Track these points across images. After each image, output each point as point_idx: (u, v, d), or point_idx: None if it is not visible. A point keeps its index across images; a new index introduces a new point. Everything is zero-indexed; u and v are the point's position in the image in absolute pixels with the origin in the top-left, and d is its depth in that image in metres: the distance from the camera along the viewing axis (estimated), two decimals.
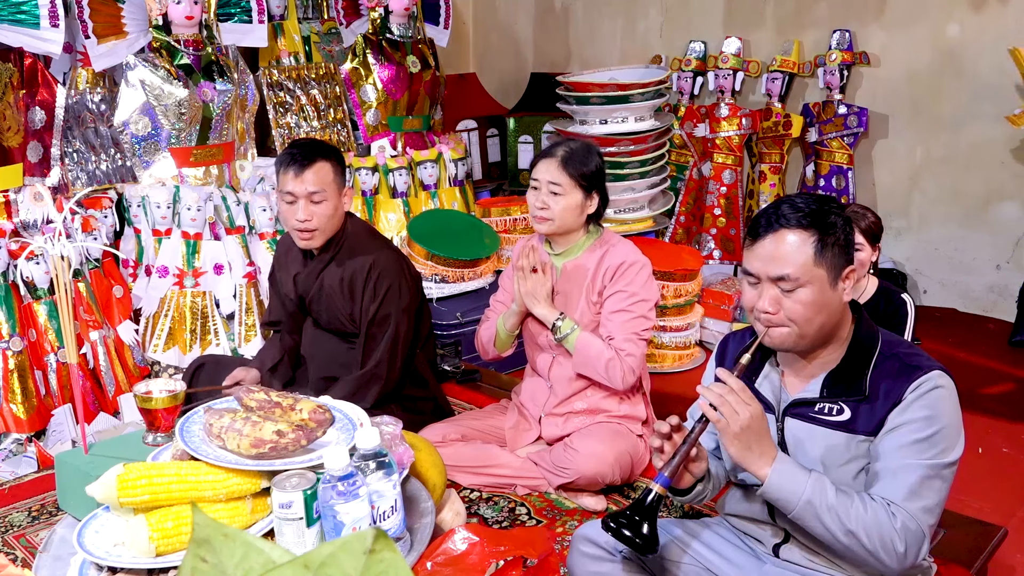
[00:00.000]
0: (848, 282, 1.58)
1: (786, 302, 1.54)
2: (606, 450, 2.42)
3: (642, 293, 2.48)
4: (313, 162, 2.52)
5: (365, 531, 0.53)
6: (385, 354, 2.62)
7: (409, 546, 1.56)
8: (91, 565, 1.46)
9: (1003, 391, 3.48)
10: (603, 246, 2.55)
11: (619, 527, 1.56)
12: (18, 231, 3.13)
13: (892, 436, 1.52)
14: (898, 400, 1.52)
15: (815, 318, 1.55)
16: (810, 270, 1.53)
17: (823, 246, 1.53)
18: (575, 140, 2.62)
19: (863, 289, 2.71)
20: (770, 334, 1.58)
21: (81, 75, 3.55)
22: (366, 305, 2.61)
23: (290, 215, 2.55)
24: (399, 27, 4.41)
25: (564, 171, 2.47)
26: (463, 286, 3.88)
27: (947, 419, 1.52)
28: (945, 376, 1.54)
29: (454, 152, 4.49)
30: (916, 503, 1.48)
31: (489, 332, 2.72)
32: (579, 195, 2.49)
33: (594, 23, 5.58)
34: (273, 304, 2.90)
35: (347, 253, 2.65)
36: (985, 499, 2.58)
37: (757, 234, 1.58)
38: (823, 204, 1.57)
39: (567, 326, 2.50)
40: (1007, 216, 4.22)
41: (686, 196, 5.01)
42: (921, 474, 1.49)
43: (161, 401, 1.93)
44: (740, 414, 1.50)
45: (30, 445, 2.98)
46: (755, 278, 1.58)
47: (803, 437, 1.62)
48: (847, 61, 4.48)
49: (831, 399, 1.59)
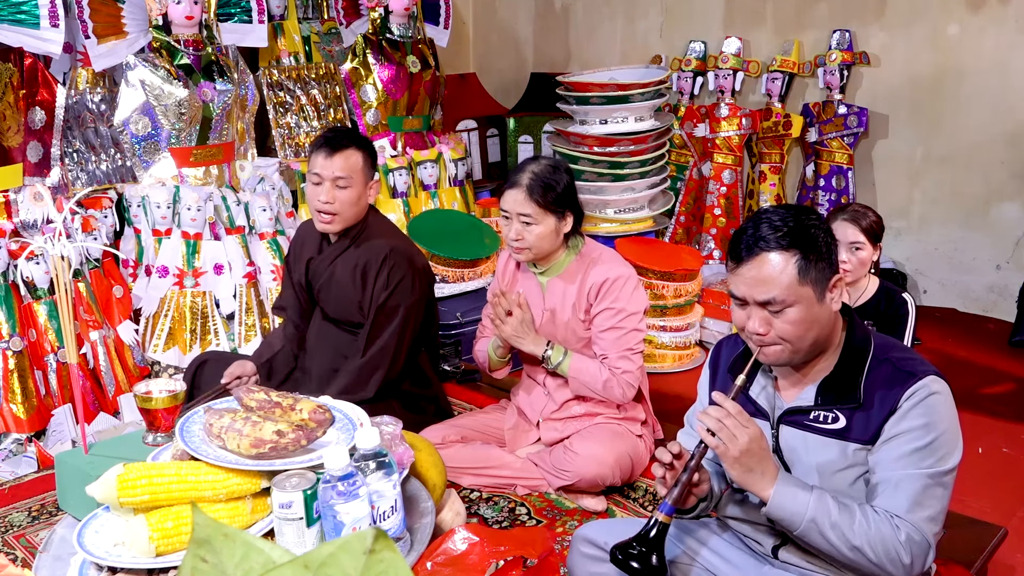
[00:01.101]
0: (836, 291, 1.55)
1: (776, 322, 1.53)
2: (606, 452, 2.42)
3: (629, 307, 2.47)
4: (344, 148, 2.56)
5: (365, 531, 0.53)
6: (390, 343, 2.61)
7: (409, 546, 1.56)
8: (91, 565, 1.46)
9: (1003, 391, 3.48)
10: (585, 260, 2.53)
11: (627, 559, 1.56)
12: (18, 231, 3.13)
13: (890, 446, 1.51)
14: (893, 408, 1.51)
15: (807, 334, 1.53)
16: (796, 290, 1.50)
17: (807, 264, 1.50)
18: (540, 160, 2.54)
19: (864, 289, 2.71)
20: (764, 352, 1.57)
21: (81, 75, 3.55)
22: (377, 292, 2.61)
23: (314, 196, 2.58)
24: (399, 27, 4.41)
25: (531, 200, 2.43)
26: (463, 286, 3.88)
27: (944, 425, 1.51)
28: (939, 380, 1.53)
29: (454, 152, 4.49)
30: (919, 513, 1.48)
31: (483, 353, 2.74)
32: (552, 220, 2.46)
33: (594, 23, 5.58)
34: (285, 289, 2.91)
35: (364, 241, 2.67)
36: (985, 499, 2.58)
37: (740, 257, 1.55)
38: (801, 218, 1.54)
39: (557, 355, 2.50)
40: (1007, 216, 4.22)
41: (686, 196, 5.01)
42: (922, 484, 1.48)
43: (161, 401, 1.93)
44: (739, 438, 1.50)
45: (30, 445, 2.98)
46: (742, 301, 1.57)
47: (797, 445, 1.61)
48: (847, 61, 4.48)
49: (825, 407, 1.58)
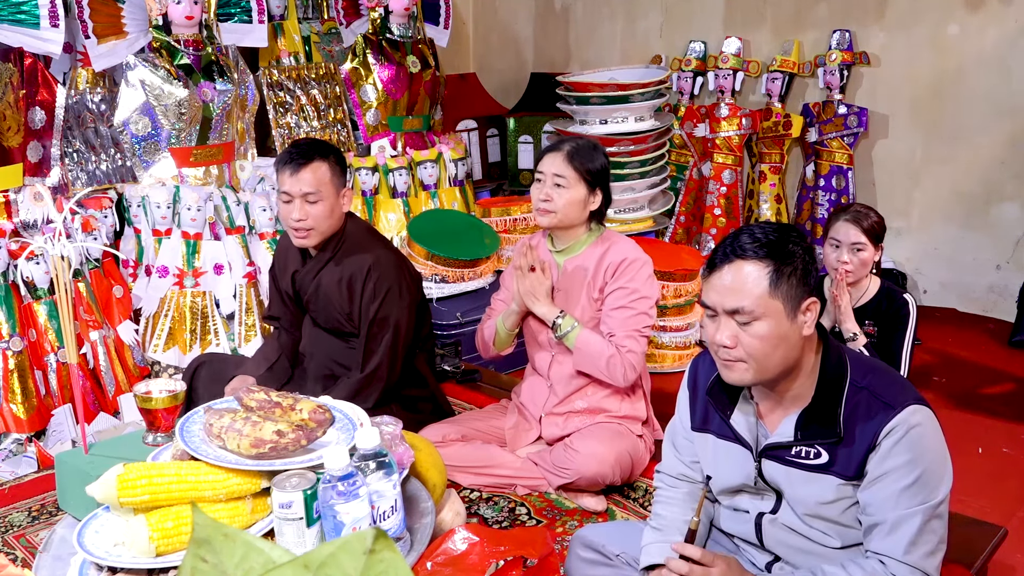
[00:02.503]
0: (809, 314, 1.51)
1: (743, 336, 1.49)
2: (606, 450, 2.42)
3: (643, 290, 2.48)
4: (309, 162, 2.53)
5: (365, 531, 0.53)
6: (385, 356, 2.61)
7: (409, 546, 1.56)
8: (91, 565, 1.46)
9: (1003, 391, 3.48)
10: (604, 243, 2.55)
11: None
12: (18, 231, 3.13)
13: (878, 487, 1.48)
14: (873, 445, 1.48)
15: (773, 353, 1.49)
16: (765, 302, 1.46)
17: (778, 276, 1.47)
18: (583, 139, 2.62)
19: (865, 289, 2.71)
20: (728, 370, 1.54)
21: (81, 75, 3.55)
22: (365, 306, 2.61)
23: (286, 214, 2.57)
24: (399, 27, 4.41)
25: (570, 164, 2.48)
26: (463, 286, 3.88)
27: (930, 456, 1.48)
28: (919, 410, 1.48)
29: (454, 152, 4.49)
30: (917, 552, 1.46)
31: (490, 331, 2.72)
32: (583, 190, 2.49)
33: (594, 23, 5.58)
34: (273, 300, 2.91)
35: (346, 253, 2.65)
36: (985, 499, 2.58)
37: (714, 265, 1.53)
38: (783, 234, 1.51)
39: (567, 323, 2.49)
40: (1007, 216, 4.22)
41: (686, 196, 5.01)
42: (917, 522, 1.46)
43: (161, 401, 1.93)
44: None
45: (30, 445, 2.98)
46: (713, 311, 1.53)
47: (782, 479, 1.59)
48: (847, 61, 4.48)
49: (806, 442, 1.54)
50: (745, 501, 1.66)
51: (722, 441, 1.67)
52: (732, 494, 1.68)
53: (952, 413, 3.22)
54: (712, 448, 1.69)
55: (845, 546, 1.57)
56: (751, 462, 1.62)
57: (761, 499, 1.64)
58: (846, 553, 1.57)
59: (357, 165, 4.16)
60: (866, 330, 2.65)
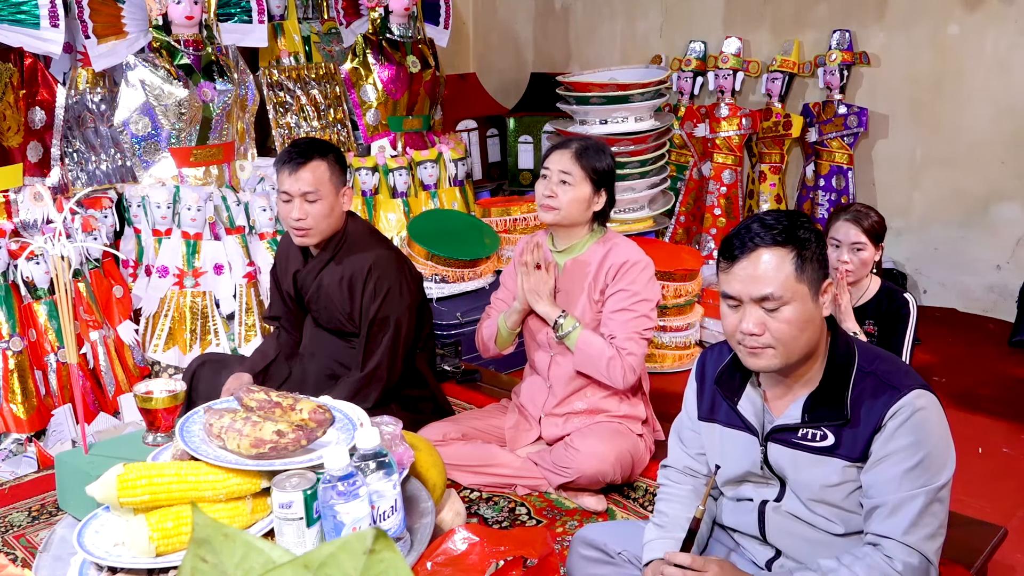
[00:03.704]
0: (827, 296, 1.55)
1: (771, 322, 1.51)
2: (607, 449, 2.42)
3: (644, 293, 2.48)
4: (308, 161, 2.53)
5: (365, 531, 0.53)
6: (385, 356, 2.62)
7: (409, 546, 1.56)
8: (91, 565, 1.46)
9: (1003, 391, 3.47)
10: (606, 245, 2.55)
11: None
12: (18, 231, 3.13)
13: (881, 468, 1.50)
14: (878, 426, 1.50)
15: (800, 336, 1.52)
16: (793, 287, 1.50)
17: (803, 261, 1.51)
18: (591, 139, 2.62)
19: (865, 289, 2.71)
20: (755, 358, 1.55)
21: (81, 75, 3.55)
22: (366, 305, 2.61)
23: (286, 214, 2.57)
24: (399, 27, 4.41)
25: (577, 163, 2.49)
26: (463, 286, 3.88)
27: (933, 440, 1.50)
28: (924, 394, 1.51)
29: (454, 152, 4.49)
30: (917, 534, 1.47)
31: (490, 329, 2.72)
32: (588, 188, 2.49)
33: (594, 23, 5.58)
34: (274, 299, 2.91)
35: (346, 253, 2.65)
36: (985, 499, 2.58)
37: (733, 256, 1.54)
38: (794, 219, 1.55)
39: (569, 323, 2.49)
40: (1007, 216, 4.22)
41: (686, 196, 5.01)
42: (919, 504, 1.47)
43: (161, 401, 1.93)
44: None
45: (30, 445, 2.98)
46: (736, 301, 1.55)
47: (787, 463, 1.60)
48: (847, 61, 4.48)
49: (813, 424, 1.56)
50: (749, 490, 1.68)
51: (728, 429, 1.69)
52: (736, 484, 1.70)
53: (952, 413, 3.18)
54: (719, 437, 1.71)
55: (848, 533, 1.58)
56: (757, 447, 1.63)
57: (766, 487, 1.65)
58: (847, 542, 1.58)
59: (357, 165, 4.16)
60: (866, 329, 2.65)
